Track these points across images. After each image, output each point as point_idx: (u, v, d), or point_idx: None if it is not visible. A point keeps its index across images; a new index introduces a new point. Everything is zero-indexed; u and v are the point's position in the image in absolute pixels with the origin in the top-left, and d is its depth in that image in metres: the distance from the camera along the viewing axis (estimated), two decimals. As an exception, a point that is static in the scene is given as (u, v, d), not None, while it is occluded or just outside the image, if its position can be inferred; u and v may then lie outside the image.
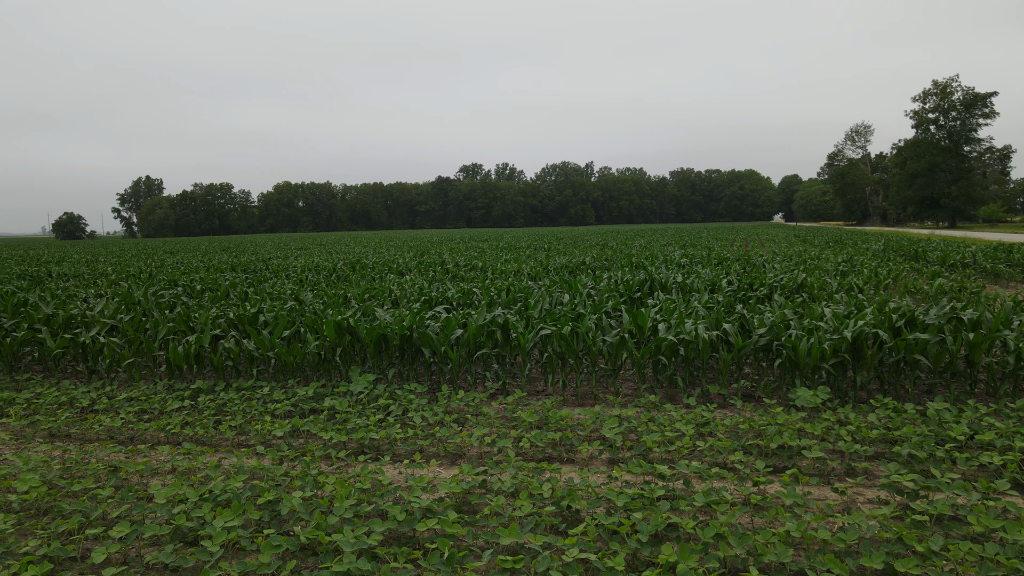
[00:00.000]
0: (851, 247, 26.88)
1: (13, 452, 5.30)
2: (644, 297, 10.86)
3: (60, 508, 4.06)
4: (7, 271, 22.33)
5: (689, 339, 6.51)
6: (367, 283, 14.69)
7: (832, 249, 25.50)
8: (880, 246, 25.87)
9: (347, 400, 6.07)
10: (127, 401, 6.52)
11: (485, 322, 7.09)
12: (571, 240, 40.43)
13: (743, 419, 5.36)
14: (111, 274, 19.62)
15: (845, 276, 14.20)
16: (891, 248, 24.99)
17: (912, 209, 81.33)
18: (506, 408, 6.03)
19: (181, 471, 4.68)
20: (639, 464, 4.39)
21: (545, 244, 34.48)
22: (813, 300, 9.97)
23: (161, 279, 16.50)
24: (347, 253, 29.57)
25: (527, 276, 16.02)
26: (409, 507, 3.82)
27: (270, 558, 3.27)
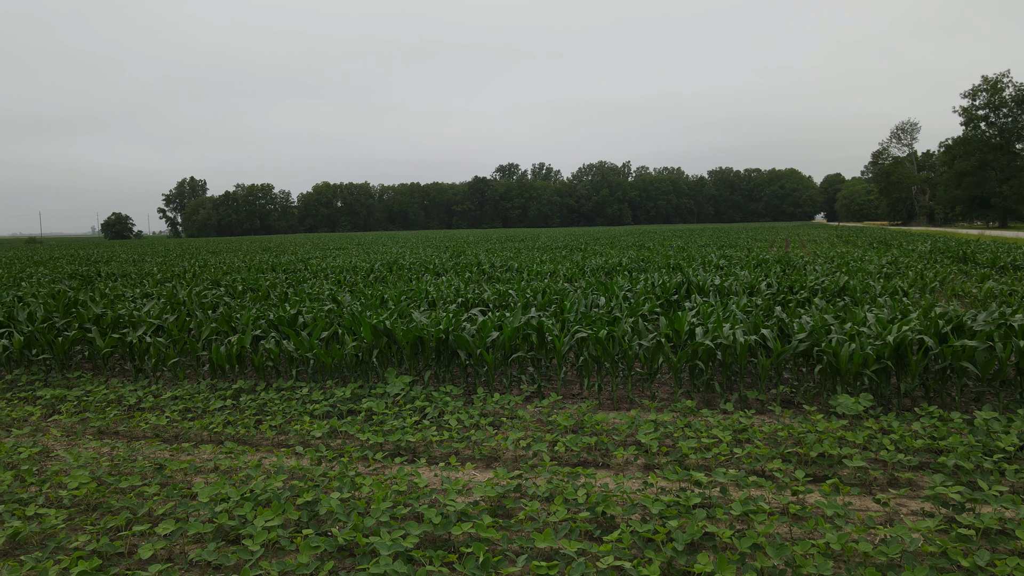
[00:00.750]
0: (896, 248, 26.23)
1: (64, 448, 5.49)
2: (681, 300, 10.76)
3: (108, 504, 4.19)
4: (59, 270, 23.08)
5: (727, 344, 6.44)
6: (404, 284, 14.84)
7: (876, 250, 24.93)
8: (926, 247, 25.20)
9: (384, 402, 6.15)
10: (172, 400, 6.69)
11: (520, 325, 7.11)
12: (607, 240, 40.23)
13: (782, 426, 5.28)
14: (157, 274, 20.14)
15: (889, 279, 13.88)
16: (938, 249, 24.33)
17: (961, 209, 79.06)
18: (541, 411, 6.04)
19: (223, 470, 4.79)
20: (675, 471, 4.36)
21: (581, 245, 34.37)
22: (855, 304, 9.77)
23: (204, 279, 16.88)
24: (384, 253, 29.88)
25: (563, 277, 15.99)
26: (444, 510, 3.85)
27: (308, 558, 3.34)
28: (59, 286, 16.03)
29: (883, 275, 14.75)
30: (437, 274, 18.13)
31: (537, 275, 16.61)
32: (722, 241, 35.29)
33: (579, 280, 15.19)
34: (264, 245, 51.64)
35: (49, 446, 5.55)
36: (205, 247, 50.28)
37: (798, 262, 17.61)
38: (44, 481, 4.53)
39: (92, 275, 20.93)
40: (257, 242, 64.66)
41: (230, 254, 34.68)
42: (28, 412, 6.44)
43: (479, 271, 17.86)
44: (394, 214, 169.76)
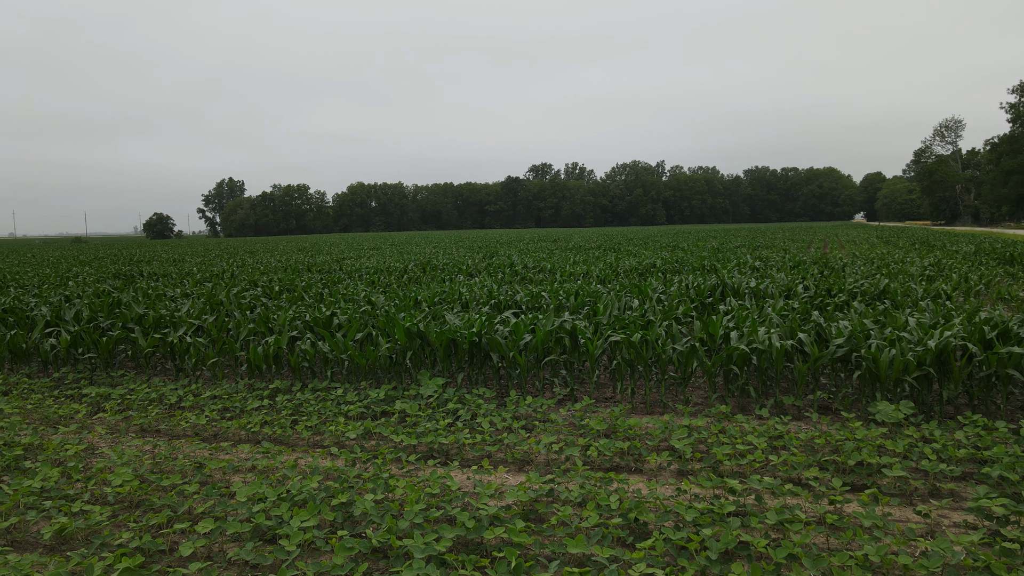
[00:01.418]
0: (939, 249, 25.58)
1: (109, 446, 5.64)
2: (716, 303, 10.64)
3: (150, 502, 4.30)
4: (104, 270, 23.71)
5: (762, 348, 6.35)
6: (437, 285, 14.93)
7: (918, 251, 24.35)
8: (971, 248, 24.52)
9: (417, 403, 6.20)
10: (211, 399, 6.84)
11: (553, 328, 7.10)
12: (641, 241, 39.96)
13: (819, 433, 5.19)
14: (196, 274, 20.57)
15: (931, 281, 13.55)
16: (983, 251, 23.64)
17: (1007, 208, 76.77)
18: (574, 415, 6.03)
19: (260, 469, 4.88)
20: (709, 477, 4.32)
21: (614, 245, 34.19)
22: (896, 308, 9.55)
23: (242, 280, 17.19)
24: (418, 254, 30.09)
25: (596, 279, 15.93)
26: (477, 514, 3.87)
27: (343, 560, 3.38)
28: (103, 286, 16.47)
29: (925, 277, 14.41)
30: (470, 275, 18.20)
31: (570, 276, 16.58)
32: (758, 242, 34.79)
33: (612, 282, 15.12)
34: (300, 245, 52.38)
35: (94, 443, 5.71)
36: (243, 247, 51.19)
37: (836, 264, 17.28)
38: (89, 478, 4.67)
39: (135, 275, 21.46)
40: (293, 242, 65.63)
41: (267, 254, 35.26)
42: (74, 409, 6.63)
43: (512, 272, 17.88)
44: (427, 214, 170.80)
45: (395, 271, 19.14)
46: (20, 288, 16.97)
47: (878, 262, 17.95)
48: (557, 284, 14.01)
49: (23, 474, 4.88)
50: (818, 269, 16.11)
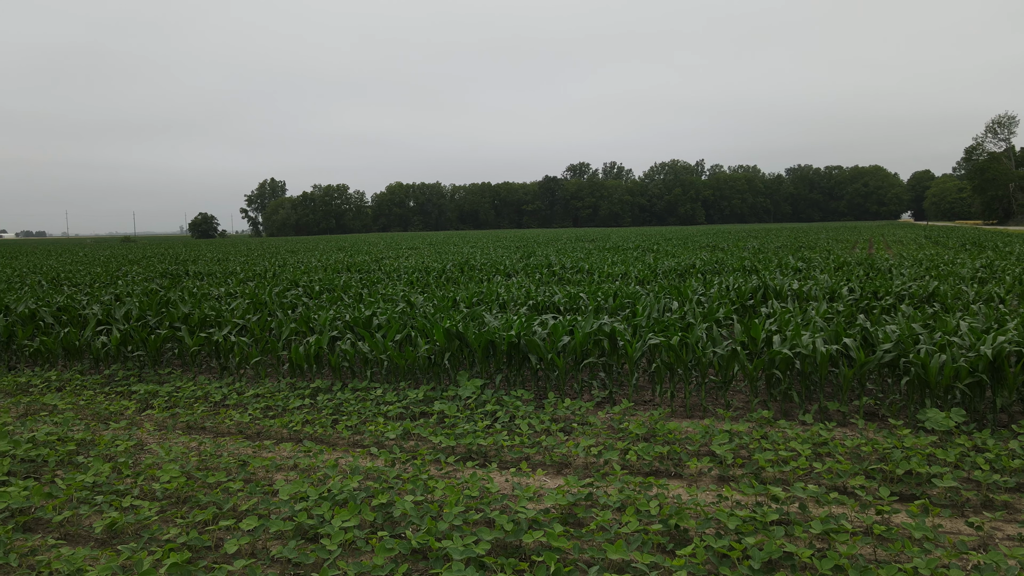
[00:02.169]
0: (991, 250, 24.76)
1: (156, 442, 5.79)
2: (757, 305, 10.47)
3: (197, 499, 4.39)
4: (151, 269, 24.36)
5: (806, 353, 6.22)
6: (475, 285, 14.97)
7: (968, 252, 23.61)
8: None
9: (455, 405, 6.22)
10: (254, 397, 6.97)
11: (592, 330, 7.07)
12: (680, 241, 39.53)
13: (865, 440, 5.07)
14: (239, 273, 20.99)
15: (983, 284, 13.12)
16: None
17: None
18: (612, 418, 6.00)
19: (302, 468, 4.95)
20: (751, 484, 4.25)
21: (653, 245, 33.90)
22: (946, 311, 9.27)
23: (284, 279, 17.49)
24: (455, 254, 30.24)
25: (634, 280, 15.81)
26: (516, 517, 3.87)
27: (383, 560, 3.41)
28: (151, 285, 16.92)
29: (976, 280, 13.96)
30: (508, 275, 18.23)
31: (608, 277, 16.49)
32: (800, 242, 34.14)
33: (651, 283, 14.99)
34: (339, 244, 53.09)
35: (143, 439, 5.87)
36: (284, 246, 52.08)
37: (883, 265, 16.86)
38: (139, 474, 4.80)
39: (180, 274, 21.99)
40: (333, 241, 66.53)
41: (307, 253, 35.82)
42: (124, 406, 6.82)
43: (549, 272, 17.85)
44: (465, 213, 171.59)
45: (433, 271, 19.26)
46: (73, 287, 17.53)
47: (927, 263, 17.46)
48: (595, 285, 13.94)
49: (76, 469, 5.04)
50: (863, 271, 15.73)
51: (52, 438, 5.58)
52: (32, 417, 6.50)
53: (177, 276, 21.01)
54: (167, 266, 26.10)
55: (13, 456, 5.19)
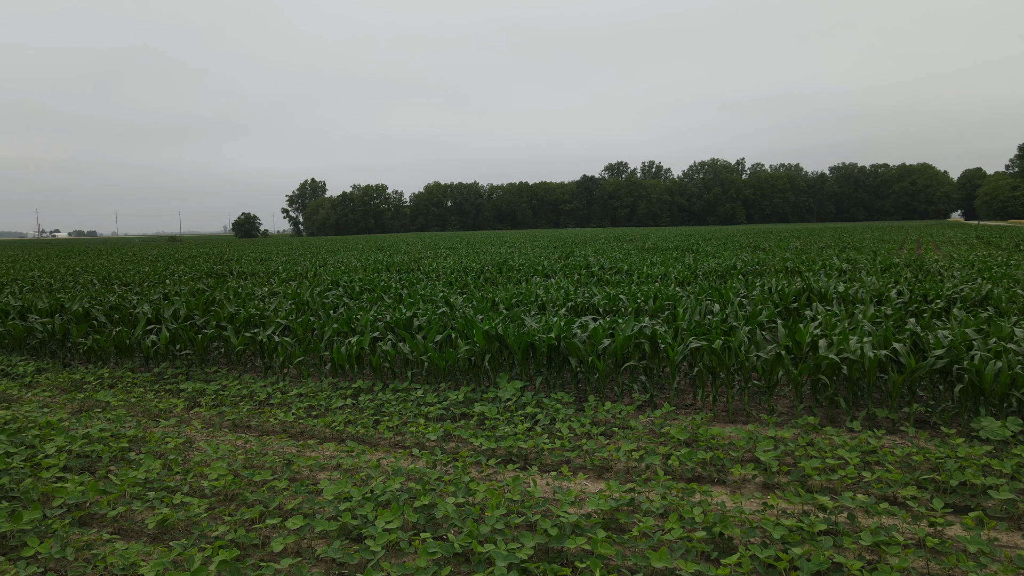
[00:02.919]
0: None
1: (204, 440, 5.92)
2: (801, 308, 10.27)
3: (244, 497, 4.49)
4: (197, 268, 24.94)
5: (853, 358, 6.08)
6: (513, 286, 14.99)
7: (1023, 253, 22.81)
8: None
9: (495, 407, 6.24)
10: (297, 397, 7.08)
11: (633, 333, 7.02)
12: (720, 241, 39.00)
13: (916, 449, 4.93)
14: (282, 273, 21.36)
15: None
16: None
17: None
18: (654, 422, 5.94)
19: (345, 468, 5.01)
20: (797, 493, 4.17)
21: (692, 245, 33.50)
22: (1000, 316, 8.98)
23: (325, 279, 17.74)
24: (493, 254, 30.31)
25: (674, 281, 15.65)
26: (558, 522, 3.86)
27: (427, 562, 3.44)
28: (198, 284, 17.32)
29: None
30: (546, 276, 18.20)
31: (647, 278, 16.35)
32: (844, 242, 33.40)
33: (691, 284, 14.82)
34: (378, 244, 53.65)
35: (191, 437, 6.01)
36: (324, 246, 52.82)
37: (932, 267, 16.39)
38: (188, 471, 4.92)
39: (225, 273, 22.47)
40: (372, 241, 67.25)
41: (347, 253, 36.26)
42: (173, 404, 7.00)
43: (588, 273, 17.77)
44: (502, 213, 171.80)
45: (472, 271, 19.34)
46: (123, 286, 18.04)
47: (979, 265, 16.92)
48: (635, 286, 13.84)
49: (129, 465, 5.18)
50: (912, 272, 15.31)
51: (106, 434, 5.75)
52: (86, 413, 6.71)
53: (222, 276, 21.46)
54: (212, 265, 26.69)
55: (69, 451, 5.36)
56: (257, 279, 19.68)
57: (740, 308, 9.78)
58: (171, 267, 26.12)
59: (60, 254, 46.11)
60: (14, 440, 5.50)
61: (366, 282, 15.89)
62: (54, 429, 5.82)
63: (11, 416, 6.34)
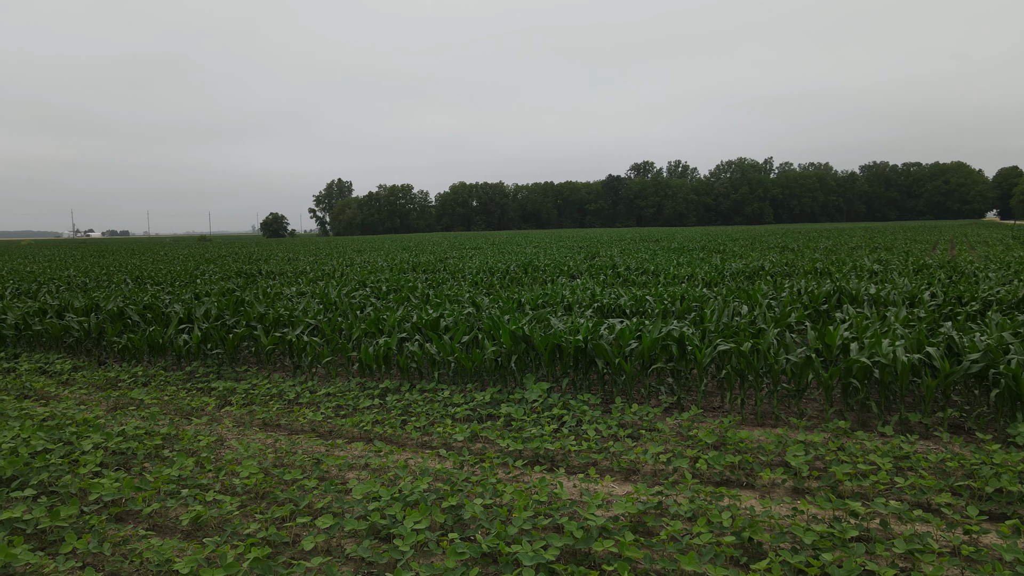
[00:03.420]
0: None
1: (235, 438, 6.02)
2: (831, 310, 10.13)
3: (274, 495, 4.55)
4: (226, 268, 25.30)
5: (885, 362, 5.99)
6: (539, 287, 14.99)
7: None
8: (1125, 251, 22.17)
9: (522, 408, 6.25)
10: (326, 396, 7.16)
11: (660, 335, 6.98)
12: (747, 241, 38.61)
13: (951, 455, 4.85)
14: (309, 272, 21.59)
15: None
16: None
17: None
18: (681, 425, 5.91)
19: (373, 468, 5.06)
20: (828, 498, 4.12)
21: (719, 246, 33.21)
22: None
23: (352, 279, 17.89)
24: (518, 254, 30.33)
25: (702, 282, 15.53)
26: (585, 524, 3.86)
27: (455, 563, 3.46)
28: (228, 284, 17.57)
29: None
30: (572, 276, 18.18)
31: (674, 279, 16.25)
32: (876, 242, 32.87)
33: (718, 285, 14.70)
34: (404, 244, 53.97)
35: (223, 435, 6.10)
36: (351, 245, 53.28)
37: (967, 268, 16.06)
38: (220, 469, 5.00)
39: (254, 273, 22.77)
40: (397, 240, 67.68)
41: (373, 253, 36.54)
42: (204, 402, 7.12)
43: (614, 274, 17.71)
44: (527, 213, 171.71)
45: (497, 271, 19.37)
46: (155, 285, 18.37)
47: (1016, 266, 16.54)
48: (661, 287, 13.76)
49: (162, 462, 5.28)
50: (945, 274, 15.02)
51: (140, 432, 5.86)
52: (121, 411, 6.85)
53: (251, 275, 21.75)
54: (241, 265, 27.05)
55: (105, 448, 5.48)
56: (285, 279, 19.91)
57: (768, 310, 9.68)
58: (201, 267, 26.53)
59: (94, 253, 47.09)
60: (52, 437, 5.64)
61: (392, 282, 16.00)
62: (91, 426, 5.95)
63: (49, 413, 6.49)
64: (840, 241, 35.15)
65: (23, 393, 7.85)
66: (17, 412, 6.54)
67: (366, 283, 16.16)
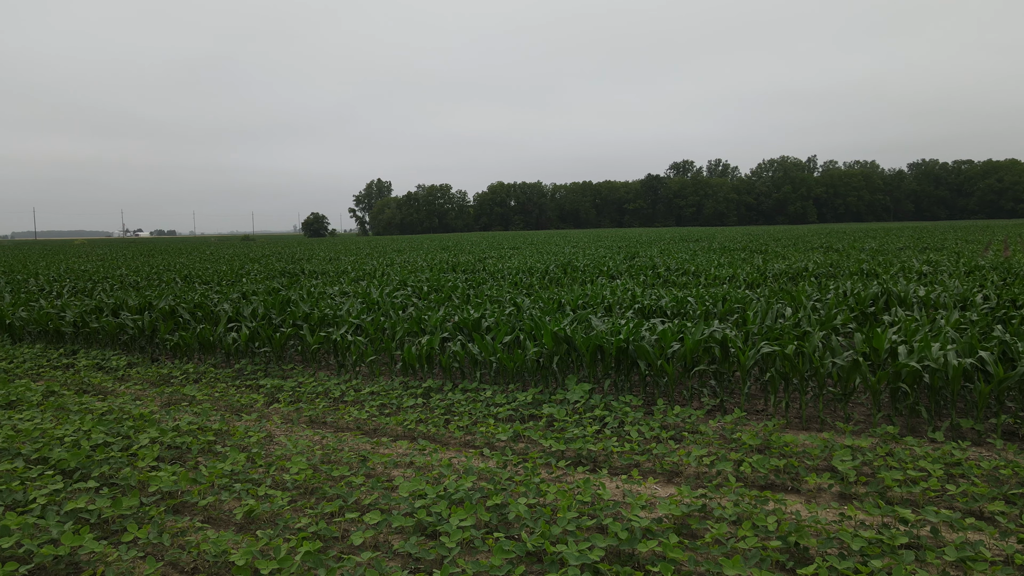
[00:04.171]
0: None
1: (284, 435, 6.17)
2: (879, 312, 9.94)
3: (323, 491, 4.67)
4: (270, 268, 25.84)
5: (936, 366, 5.87)
6: (579, 287, 14.99)
7: (1123, 255, 21.39)
8: None
9: (564, 408, 6.28)
10: (370, 395, 7.29)
11: (703, 337, 6.95)
12: (790, 241, 37.95)
13: (1004, 462, 4.74)
14: (351, 272, 21.92)
15: None
16: None
17: None
18: (724, 427, 5.88)
19: (418, 466, 5.15)
20: (877, 504, 4.07)
21: (761, 246, 32.72)
22: (1098, 322, 8.47)
23: (393, 279, 18.13)
24: (557, 254, 30.32)
25: (743, 283, 15.35)
26: (629, 525, 3.88)
27: (501, 561, 3.52)
28: (273, 283, 17.96)
29: None
30: (611, 277, 18.12)
31: (715, 280, 16.08)
32: (924, 243, 32.02)
33: (761, 286, 14.51)
34: (443, 243, 54.35)
35: (271, 431, 6.27)
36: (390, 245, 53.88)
37: (1022, 269, 15.57)
38: (271, 464, 5.14)
39: (297, 272, 23.21)
40: (436, 240, 68.19)
41: (412, 252, 36.91)
42: (253, 399, 7.31)
43: (654, 274, 17.60)
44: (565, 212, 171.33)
45: (536, 272, 19.41)
46: (203, 284, 18.86)
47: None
48: (702, 288, 13.64)
49: (215, 457, 5.46)
50: (999, 275, 14.58)
51: (193, 427, 6.06)
52: (175, 407, 7.09)
53: (295, 275, 22.18)
54: (285, 264, 27.59)
55: (161, 443, 5.68)
56: (327, 278, 20.25)
57: (813, 312, 9.53)
58: (246, 266, 27.13)
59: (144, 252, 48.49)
60: (111, 430, 5.86)
61: (433, 282, 16.16)
62: (147, 421, 6.17)
63: (107, 408, 6.75)
64: (887, 241, 34.32)
65: (82, 388, 8.17)
66: (77, 406, 6.81)
67: (407, 283, 16.36)
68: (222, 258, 36.58)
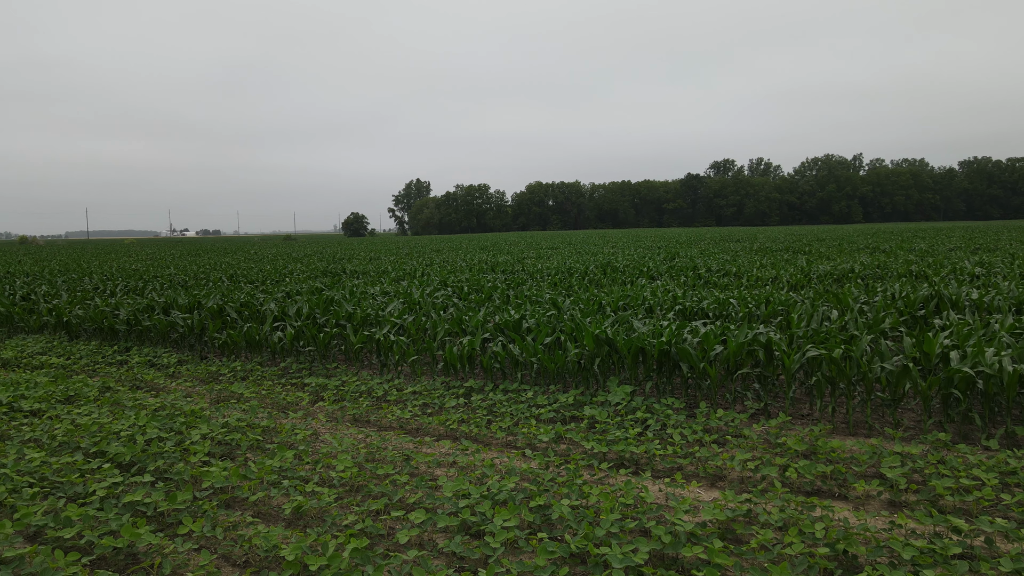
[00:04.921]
0: None
1: (329, 432, 6.30)
2: (929, 316, 9.69)
3: (368, 489, 4.75)
4: (312, 267, 26.27)
5: (990, 372, 5.71)
6: (619, 288, 14.92)
7: None
8: None
9: (605, 410, 6.28)
10: (412, 395, 7.38)
11: (746, 340, 6.87)
12: (834, 241, 37.16)
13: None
14: (391, 272, 22.16)
15: None
16: None
17: None
18: (768, 432, 5.81)
19: (461, 466, 5.21)
20: (929, 513, 3.99)
21: (804, 246, 32.10)
22: None
23: (433, 279, 18.28)
24: (596, 254, 30.20)
25: (787, 284, 15.10)
26: (673, 529, 3.87)
27: (545, 561, 3.54)
28: (315, 283, 18.27)
29: None
30: (651, 278, 17.99)
31: (758, 281, 15.86)
32: (976, 243, 31.03)
33: (805, 288, 14.25)
34: (481, 243, 54.55)
35: (317, 430, 6.40)
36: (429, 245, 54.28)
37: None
38: (317, 462, 5.25)
39: (339, 272, 23.55)
40: (474, 240, 68.47)
41: (451, 252, 37.14)
42: (299, 397, 7.46)
43: (695, 275, 17.42)
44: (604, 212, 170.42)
45: (576, 272, 19.38)
46: (249, 283, 19.28)
47: None
48: (744, 290, 13.47)
49: (264, 454, 5.60)
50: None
51: (242, 424, 6.22)
52: (224, 404, 7.28)
53: (336, 275, 22.51)
54: (327, 264, 28.01)
55: (212, 439, 5.85)
56: (368, 278, 20.51)
57: (860, 315, 9.35)
58: (289, 265, 27.63)
59: (191, 252, 49.72)
60: (164, 426, 6.05)
61: (473, 283, 16.25)
62: (198, 417, 6.36)
63: (160, 404, 6.97)
64: (937, 242, 33.38)
65: (135, 384, 8.44)
66: (131, 402, 7.05)
67: (447, 283, 16.48)
68: (265, 257, 37.31)
